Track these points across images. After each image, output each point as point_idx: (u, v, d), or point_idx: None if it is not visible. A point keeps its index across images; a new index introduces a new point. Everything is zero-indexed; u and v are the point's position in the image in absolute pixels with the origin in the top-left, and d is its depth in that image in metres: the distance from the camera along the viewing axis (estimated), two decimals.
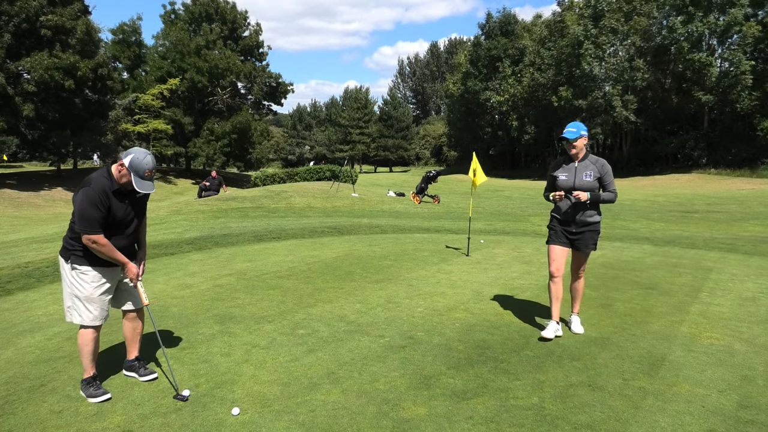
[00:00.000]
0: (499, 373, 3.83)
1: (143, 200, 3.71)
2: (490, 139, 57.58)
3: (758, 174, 32.67)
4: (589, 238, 4.54)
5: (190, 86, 44.03)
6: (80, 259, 3.47)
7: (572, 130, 4.47)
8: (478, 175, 8.82)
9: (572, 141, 4.45)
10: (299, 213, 16.97)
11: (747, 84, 34.95)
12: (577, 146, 4.46)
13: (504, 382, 3.69)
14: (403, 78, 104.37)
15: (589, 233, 4.53)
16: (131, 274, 3.58)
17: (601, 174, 4.45)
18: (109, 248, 3.43)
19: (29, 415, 3.26)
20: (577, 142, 4.45)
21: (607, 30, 40.67)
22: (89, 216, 3.32)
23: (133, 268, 3.58)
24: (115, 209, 3.46)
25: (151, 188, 3.47)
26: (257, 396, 3.49)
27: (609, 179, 4.47)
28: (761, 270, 7.57)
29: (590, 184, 4.43)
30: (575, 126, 4.50)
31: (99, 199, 3.35)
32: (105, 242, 3.40)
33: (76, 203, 3.37)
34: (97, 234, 3.36)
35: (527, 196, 27.02)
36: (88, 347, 3.52)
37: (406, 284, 6.55)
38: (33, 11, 30.59)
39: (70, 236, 3.50)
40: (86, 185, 3.39)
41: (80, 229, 3.36)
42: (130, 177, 3.40)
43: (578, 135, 4.44)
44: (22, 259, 8.64)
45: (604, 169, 4.45)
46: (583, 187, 4.43)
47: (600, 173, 4.44)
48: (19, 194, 30.76)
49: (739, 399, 3.43)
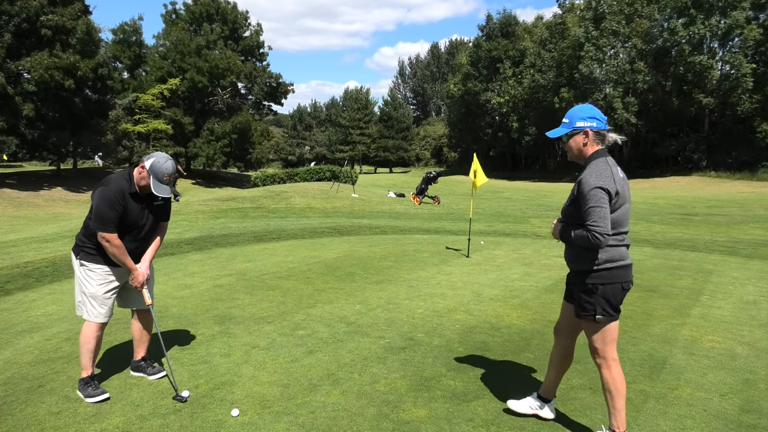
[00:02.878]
0: (499, 375, 3.82)
1: (164, 207, 3.70)
2: (490, 141, 57.59)
3: (758, 177, 32.66)
4: (577, 294, 2.91)
5: (190, 86, 44.05)
6: (89, 256, 3.52)
7: (564, 122, 2.92)
8: (478, 176, 8.80)
9: (564, 142, 2.94)
10: (299, 213, 16.96)
11: (748, 87, 34.97)
12: (570, 147, 2.92)
13: (504, 384, 3.68)
14: (404, 79, 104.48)
15: (574, 287, 2.94)
16: (136, 282, 3.58)
17: (574, 196, 2.84)
18: (121, 251, 3.45)
19: (27, 416, 3.24)
20: (566, 143, 2.91)
21: (608, 32, 40.70)
22: (105, 214, 3.36)
23: (139, 276, 3.58)
24: (129, 211, 3.48)
25: (168, 192, 3.47)
26: (257, 397, 3.47)
27: (583, 204, 2.71)
28: (762, 273, 7.56)
29: (565, 210, 2.94)
30: (569, 114, 2.90)
31: (115, 198, 3.38)
32: (118, 243, 3.43)
33: (94, 201, 3.42)
34: (111, 233, 3.40)
35: (527, 198, 27.02)
36: (90, 344, 3.52)
37: (406, 285, 6.53)
38: (33, 11, 30.60)
39: (83, 233, 3.55)
40: (105, 184, 3.43)
41: (95, 227, 3.40)
42: (149, 180, 3.42)
43: (563, 131, 2.89)
44: (21, 259, 8.62)
45: (578, 190, 2.78)
46: (563, 212, 2.99)
47: (573, 195, 2.85)
48: (19, 194, 30.73)
49: (740, 403, 3.41)
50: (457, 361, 4.07)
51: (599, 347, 2.86)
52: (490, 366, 4.00)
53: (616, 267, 2.80)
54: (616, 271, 2.79)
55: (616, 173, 2.77)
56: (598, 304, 2.81)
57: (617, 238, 2.78)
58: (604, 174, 2.71)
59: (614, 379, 2.82)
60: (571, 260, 2.95)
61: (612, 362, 2.85)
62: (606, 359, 2.85)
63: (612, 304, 2.82)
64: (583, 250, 2.82)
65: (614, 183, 2.71)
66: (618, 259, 2.80)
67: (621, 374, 2.85)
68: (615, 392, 2.82)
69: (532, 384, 3.68)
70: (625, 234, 2.83)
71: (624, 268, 2.82)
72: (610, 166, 2.77)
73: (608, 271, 2.79)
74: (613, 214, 2.73)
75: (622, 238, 2.82)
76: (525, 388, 3.60)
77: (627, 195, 2.82)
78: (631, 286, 2.89)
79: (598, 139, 2.84)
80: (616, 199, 2.72)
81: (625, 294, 2.89)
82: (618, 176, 2.77)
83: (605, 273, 2.79)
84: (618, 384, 2.82)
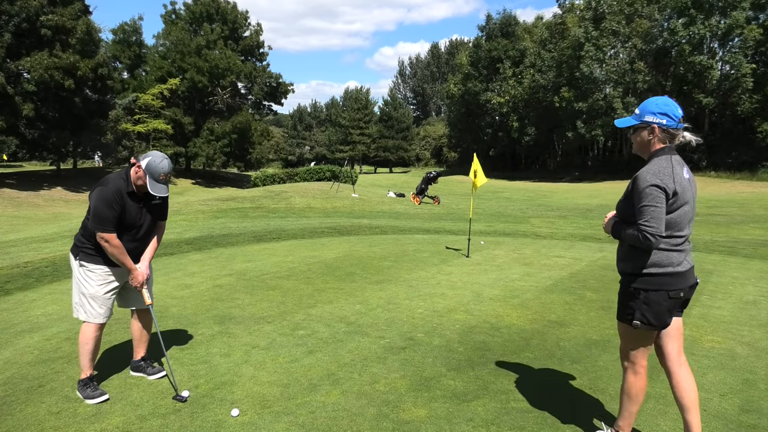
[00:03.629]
0: (499, 375, 3.82)
1: (161, 206, 3.71)
2: (490, 141, 57.61)
3: (758, 177, 32.69)
4: (620, 294, 2.77)
5: (190, 86, 44.08)
6: (89, 256, 3.51)
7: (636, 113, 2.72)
8: (478, 176, 8.80)
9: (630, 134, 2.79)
10: (299, 213, 16.96)
11: (748, 87, 35.00)
12: (634, 140, 2.76)
13: (504, 384, 3.67)
14: (404, 79, 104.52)
15: (620, 287, 2.77)
16: (136, 282, 3.58)
17: (629, 191, 2.67)
18: (120, 251, 3.45)
19: (27, 416, 3.24)
20: (632, 135, 2.76)
21: (608, 32, 40.74)
22: (103, 215, 3.36)
23: (138, 275, 3.57)
24: (128, 211, 3.49)
25: (164, 191, 3.48)
26: (257, 397, 3.47)
27: (638, 202, 2.55)
28: (762, 273, 7.56)
29: (619, 207, 2.76)
30: (642, 106, 2.69)
31: (113, 198, 3.38)
32: (117, 243, 3.43)
33: (92, 201, 3.41)
34: (110, 233, 3.40)
35: (527, 198, 27.01)
36: (89, 345, 3.52)
37: (406, 285, 6.53)
38: (33, 11, 30.60)
39: (82, 234, 3.54)
40: (103, 184, 3.43)
41: (94, 227, 3.40)
42: (146, 179, 3.42)
43: (630, 122, 2.72)
44: (21, 259, 8.62)
45: (632, 186, 2.62)
46: (617, 208, 2.80)
47: (628, 190, 2.68)
48: (19, 194, 30.73)
49: (740, 403, 3.41)
50: (457, 361, 4.07)
51: (631, 351, 2.73)
52: (490, 366, 3.99)
53: (663, 273, 2.58)
54: (662, 277, 2.58)
55: (678, 172, 2.56)
56: (638, 309, 2.61)
57: (670, 241, 2.58)
58: (664, 171, 2.53)
59: (638, 386, 2.73)
60: (619, 258, 2.78)
61: (640, 369, 2.73)
62: (635, 364, 2.74)
63: (654, 312, 2.59)
64: (631, 249, 2.65)
65: (673, 182, 2.52)
66: (666, 264, 2.58)
67: (645, 383, 2.76)
68: (634, 398, 2.74)
69: (531, 384, 3.67)
70: (682, 238, 2.60)
71: (673, 275, 2.58)
72: (672, 165, 2.57)
73: (653, 277, 2.59)
74: (668, 215, 2.54)
75: (678, 242, 2.59)
76: (526, 388, 3.60)
77: (689, 196, 2.60)
78: (682, 296, 2.63)
79: (666, 137, 2.63)
80: (674, 199, 2.53)
81: (674, 304, 2.63)
82: (681, 176, 2.56)
83: (649, 278, 2.59)
84: (640, 392, 2.74)
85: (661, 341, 2.78)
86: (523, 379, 3.77)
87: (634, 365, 2.74)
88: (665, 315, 2.61)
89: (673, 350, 2.77)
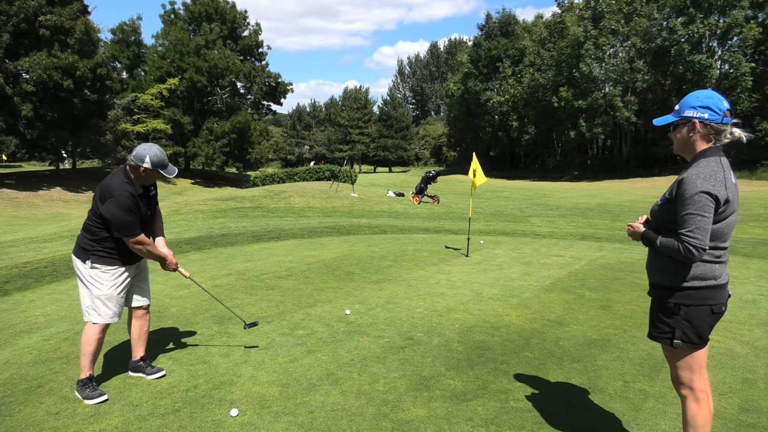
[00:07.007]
0: (498, 375, 3.81)
1: (155, 197, 3.87)
2: (489, 140, 57.58)
3: (757, 176, 32.70)
4: (653, 311, 2.53)
5: (189, 86, 44.01)
6: (101, 258, 3.55)
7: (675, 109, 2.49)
8: (478, 175, 8.80)
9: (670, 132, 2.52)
10: (298, 213, 16.95)
11: (747, 86, 35.00)
12: (675, 139, 2.51)
13: (504, 383, 3.67)
14: (403, 78, 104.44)
15: (653, 302, 2.54)
16: (172, 265, 3.82)
17: (671, 196, 2.41)
18: (151, 246, 3.65)
19: (26, 416, 3.24)
20: (672, 133, 2.50)
21: (607, 31, 40.73)
22: (126, 221, 3.44)
23: (172, 258, 3.81)
24: (141, 209, 3.61)
25: (175, 170, 3.69)
26: (256, 397, 3.47)
27: (681, 209, 2.31)
28: (761, 272, 7.56)
29: (657, 211, 2.51)
30: (682, 101, 2.46)
31: (130, 203, 3.47)
32: (147, 241, 3.61)
33: (110, 213, 3.42)
34: (139, 235, 3.52)
35: (527, 197, 27.02)
36: (92, 346, 3.53)
37: (406, 285, 6.53)
38: (32, 11, 30.53)
39: (89, 238, 3.56)
40: (113, 194, 3.44)
41: (122, 235, 3.47)
42: (158, 172, 3.58)
43: (669, 119, 2.50)
44: (20, 260, 8.61)
45: (677, 190, 2.36)
46: (653, 213, 2.56)
47: (670, 195, 2.42)
48: (18, 194, 30.69)
49: (740, 402, 3.41)
50: (457, 361, 4.07)
51: (685, 376, 2.42)
52: (489, 365, 3.99)
53: (706, 287, 2.35)
54: (705, 291, 2.35)
55: (729, 177, 2.31)
56: (678, 326, 2.37)
57: (713, 253, 2.34)
58: (715, 177, 2.26)
59: (702, 414, 2.39)
60: (653, 271, 2.48)
61: (701, 394, 2.40)
62: (694, 390, 2.41)
63: (696, 329, 2.37)
64: (669, 261, 2.38)
65: (725, 188, 2.27)
66: (710, 277, 2.35)
67: (710, 410, 2.42)
68: (700, 430, 2.39)
69: (531, 383, 3.67)
70: (724, 250, 2.38)
71: (715, 288, 2.36)
72: (723, 169, 2.31)
73: (696, 291, 2.35)
74: (716, 224, 2.30)
75: (720, 254, 2.37)
76: (525, 387, 3.60)
77: (737, 205, 2.36)
78: (724, 310, 2.42)
79: (709, 134, 2.36)
80: (725, 207, 2.29)
81: (717, 319, 2.41)
82: (731, 181, 2.32)
83: (692, 292, 2.36)
84: (706, 423, 2.38)
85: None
86: (522, 378, 3.77)
87: (693, 391, 2.42)
88: (707, 332, 2.40)
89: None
